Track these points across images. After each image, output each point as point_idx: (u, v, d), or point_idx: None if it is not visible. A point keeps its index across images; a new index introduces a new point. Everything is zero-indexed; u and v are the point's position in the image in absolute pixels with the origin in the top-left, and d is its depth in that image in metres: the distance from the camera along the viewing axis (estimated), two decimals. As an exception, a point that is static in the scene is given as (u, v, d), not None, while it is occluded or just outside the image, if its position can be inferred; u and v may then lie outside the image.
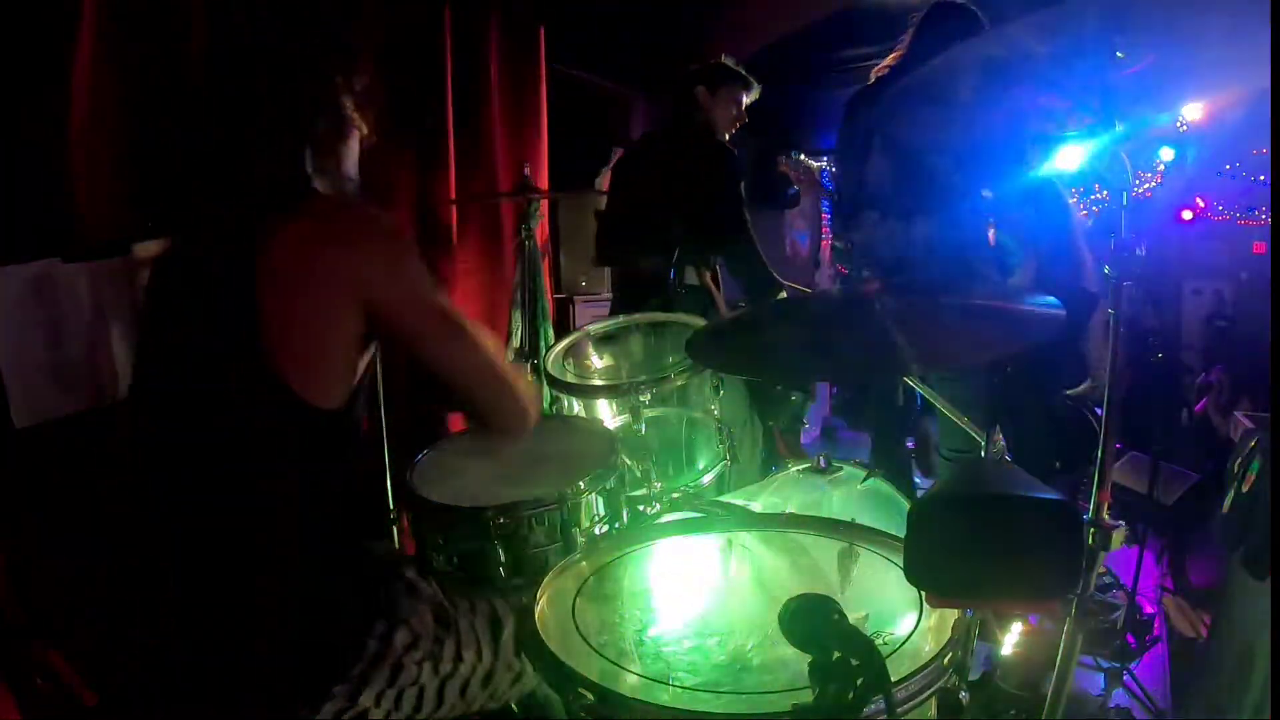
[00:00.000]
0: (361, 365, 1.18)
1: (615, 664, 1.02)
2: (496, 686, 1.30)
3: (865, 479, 1.80)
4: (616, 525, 1.62)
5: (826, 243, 6.46)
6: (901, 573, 0.98)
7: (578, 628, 1.11)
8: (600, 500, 1.60)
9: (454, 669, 1.24)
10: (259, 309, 1.07)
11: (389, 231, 1.16)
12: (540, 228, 3.09)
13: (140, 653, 1.21)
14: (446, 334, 1.20)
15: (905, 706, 0.89)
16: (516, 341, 2.91)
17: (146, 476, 1.21)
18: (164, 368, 1.20)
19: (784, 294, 2.80)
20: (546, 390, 2.13)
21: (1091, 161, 1.16)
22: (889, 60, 2.51)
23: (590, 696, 0.92)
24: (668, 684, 0.98)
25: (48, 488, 1.68)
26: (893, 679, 0.78)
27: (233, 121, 1.18)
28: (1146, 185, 4.70)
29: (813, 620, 0.79)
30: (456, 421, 2.56)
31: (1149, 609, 2.39)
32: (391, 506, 2.29)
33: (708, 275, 2.81)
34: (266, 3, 1.20)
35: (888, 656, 0.88)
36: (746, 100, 2.98)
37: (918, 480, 3.12)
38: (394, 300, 1.14)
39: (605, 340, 2.33)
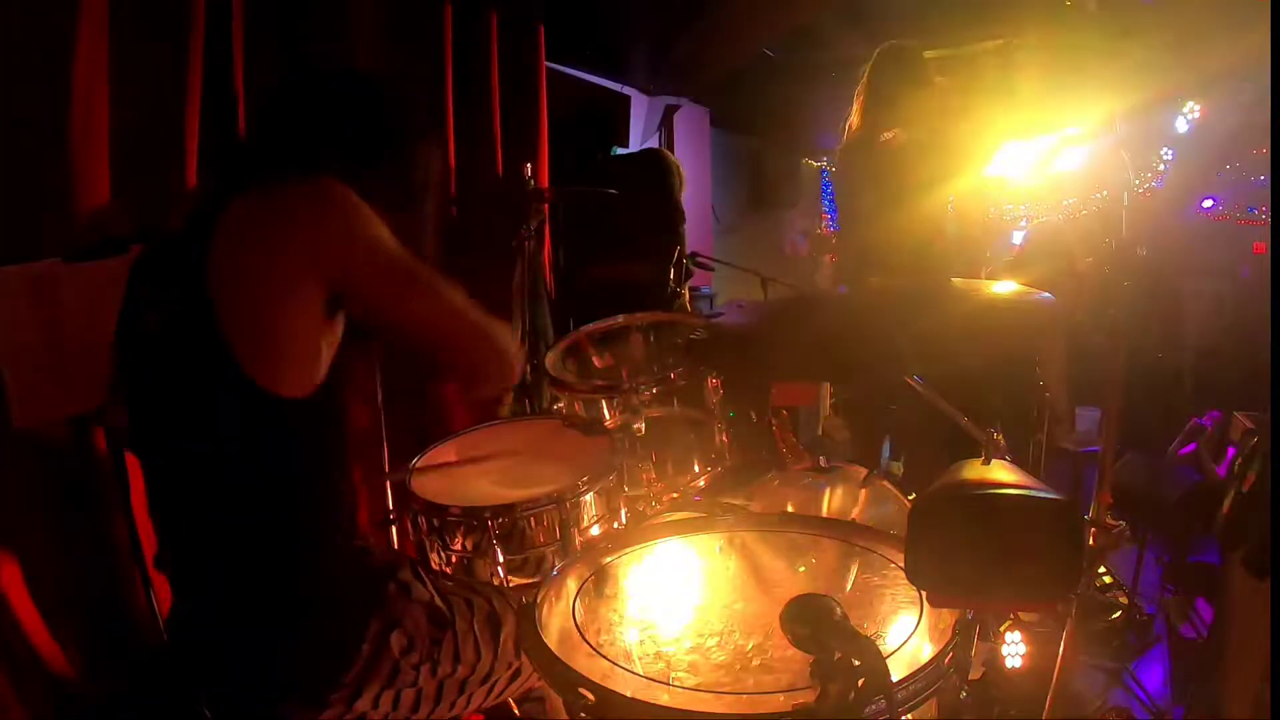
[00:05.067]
0: (327, 352, 1.16)
1: (615, 664, 1.02)
2: (495, 684, 1.30)
3: (865, 479, 1.80)
4: (616, 525, 1.62)
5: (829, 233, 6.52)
6: (902, 573, 0.98)
7: (578, 628, 1.11)
8: (600, 500, 1.60)
9: (452, 669, 1.24)
10: (212, 290, 1.07)
11: (338, 199, 1.12)
12: (540, 227, 3.09)
13: (135, 654, 1.21)
14: (415, 291, 1.18)
15: (906, 706, 0.89)
16: (517, 342, 2.91)
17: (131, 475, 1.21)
18: (133, 362, 1.20)
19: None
20: (546, 390, 2.13)
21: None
22: (854, 122, 2.89)
23: (590, 696, 0.92)
24: (668, 684, 0.98)
25: (47, 488, 1.68)
26: (894, 679, 0.78)
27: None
28: (1146, 185, 4.71)
29: (814, 620, 0.79)
30: (456, 421, 2.56)
31: (1149, 609, 2.39)
32: (391, 506, 2.29)
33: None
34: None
35: (888, 656, 0.88)
36: None
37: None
38: (354, 267, 1.12)
39: (605, 340, 2.33)
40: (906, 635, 1.04)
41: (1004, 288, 1.37)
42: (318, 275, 1.09)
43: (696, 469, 2.00)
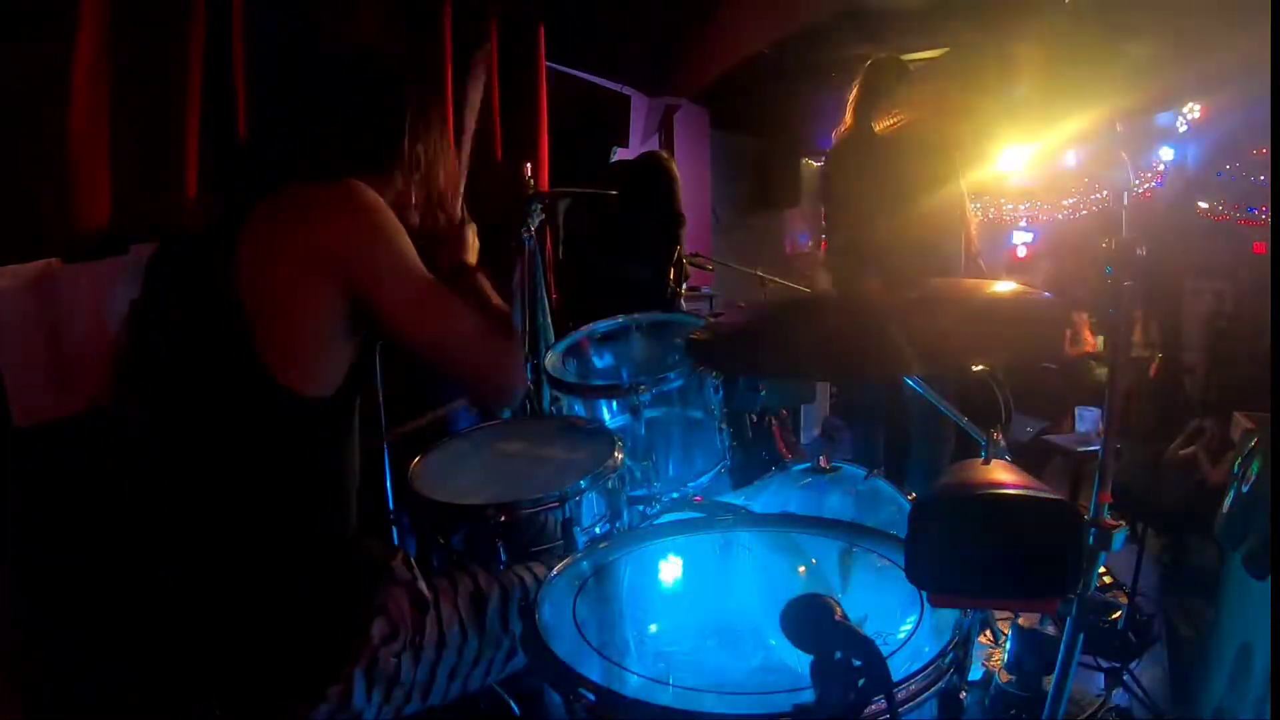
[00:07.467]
0: (349, 352, 1.17)
1: (615, 664, 1.02)
2: (489, 665, 1.28)
3: (865, 479, 1.80)
4: (616, 525, 1.62)
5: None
6: (901, 573, 0.98)
7: (578, 628, 1.11)
8: (600, 500, 1.60)
9: (439, 655, 1.22)
10: (239, 291, 1.08)
11: (362, 205, 1.14)
12: (540, 227, 3.10)
13: (135, 653, 1.21)
14: (429, 299, 1.19)
15: (906, 706, 0.89)
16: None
17: (134, 473, 1.21)
18: (150, 359, 1.20)
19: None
20: (546, 390, 2.13)
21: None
22: (847, 120, 3.02)
23: (590, 696, 0.92)
24: (668, 684, 0.98)
25: (48, 488, 1.68)
26: (894, 679, 0.78)
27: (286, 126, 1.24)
28: (1146, 185, 4.71)
29: (813, 620, 0.79)
30: (456, 420, 2.56)
31: (1149, 609, 2.39)
32: (391, 506, 2.29)
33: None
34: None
35: (888, 656, 0.88)
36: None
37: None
38: (371, 274, 1.13)
39: (605, 340, 2.33)
40: (907, 635, 1.04)
41: (1004, 287, 1.36)
42: (337, 280, 1.11)
43: (697, 469, 2.00)
